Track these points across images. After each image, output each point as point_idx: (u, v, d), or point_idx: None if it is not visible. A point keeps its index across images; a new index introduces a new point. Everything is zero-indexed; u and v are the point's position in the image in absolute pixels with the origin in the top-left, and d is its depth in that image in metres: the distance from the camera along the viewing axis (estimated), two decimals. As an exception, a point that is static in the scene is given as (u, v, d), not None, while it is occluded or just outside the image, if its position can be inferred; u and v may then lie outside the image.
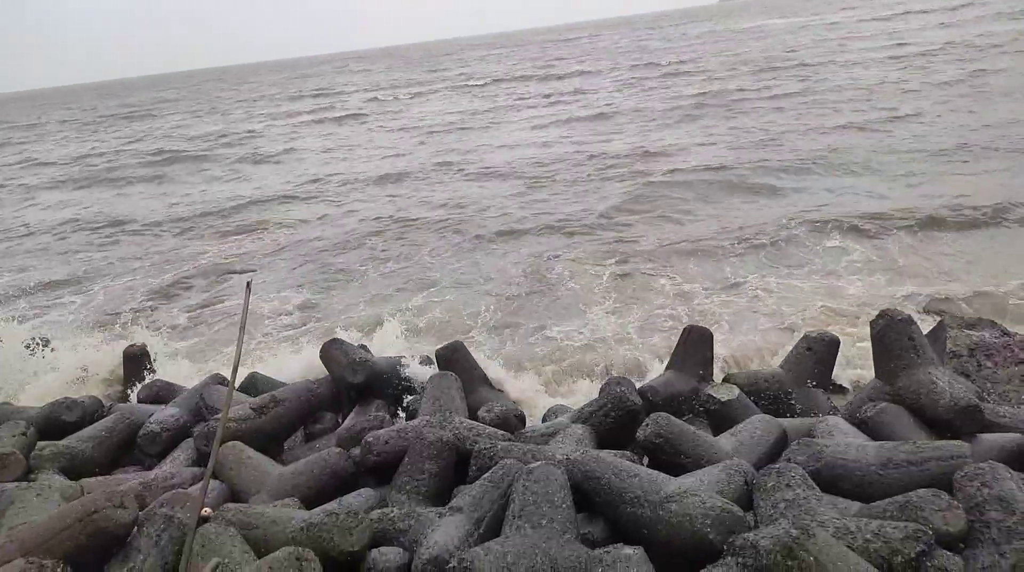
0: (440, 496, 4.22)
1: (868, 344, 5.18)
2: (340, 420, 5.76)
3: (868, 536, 3.01)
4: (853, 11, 69.34)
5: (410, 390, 5.99)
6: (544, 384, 7.18)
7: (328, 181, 20.48)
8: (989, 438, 4.25)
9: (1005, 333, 5.89)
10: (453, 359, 5.86)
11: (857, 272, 9.49)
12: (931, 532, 3.02)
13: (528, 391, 6.77)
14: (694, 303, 9.05)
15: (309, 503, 4.17)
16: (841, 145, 16.68)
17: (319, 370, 6.26)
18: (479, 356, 6.54)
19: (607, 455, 3.96)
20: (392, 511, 3.79)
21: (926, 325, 6.03)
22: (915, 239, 10.40)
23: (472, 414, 5.23)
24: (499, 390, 6.38)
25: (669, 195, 14.25)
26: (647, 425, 4.23)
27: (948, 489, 3.42)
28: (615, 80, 39.10)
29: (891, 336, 4.86)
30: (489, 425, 4.97)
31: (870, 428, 4.48)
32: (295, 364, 7.01)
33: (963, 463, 3.57)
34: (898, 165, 14.49)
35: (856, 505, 3.57)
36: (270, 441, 5.17)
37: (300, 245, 13.98)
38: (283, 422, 5.36)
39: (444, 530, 3.52)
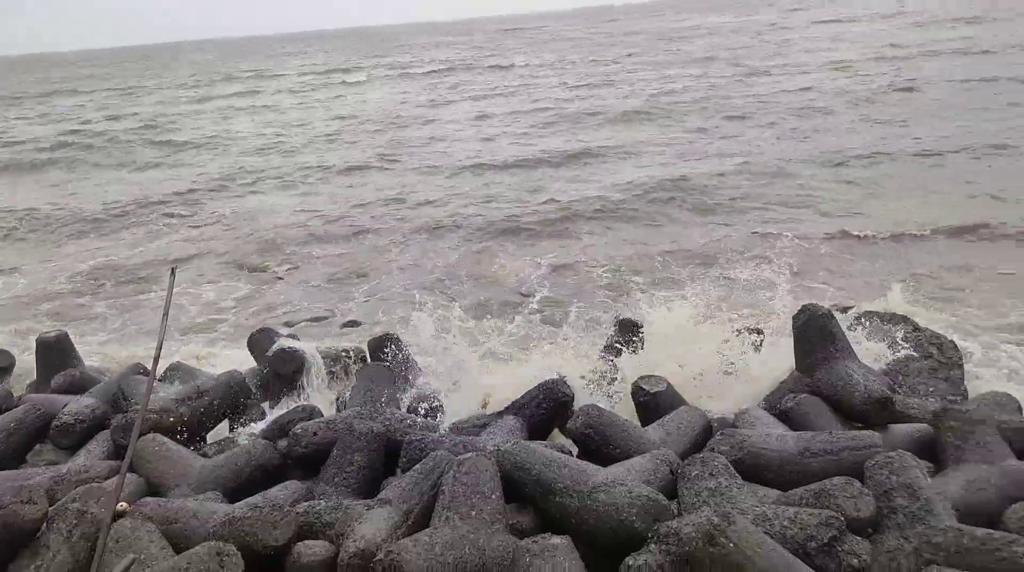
0: (369, 488, 4.17)
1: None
2: (268, 411, 5.63)
3: (785, 523, 3.12)
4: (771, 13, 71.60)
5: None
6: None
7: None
8: (899, 428, 4.46)
9: (916, 328, 6.19)
10: (386, 350, 5.80)
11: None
12: (843, 518, 3.15)
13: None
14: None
15: (233, 497, 4.07)
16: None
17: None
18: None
19: (537, 446, 3.99)
20: (319, 504, 3.73)
21: (844, 320, 6.29)
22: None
23: (404, 405, 5.19)
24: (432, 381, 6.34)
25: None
26: (577, 416, 4.28)
27: (861, 477, 3.58)
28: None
29: (811, 330, 5.04)
30: (421, 416, 4.94)
31: (790, 419, 4.65)
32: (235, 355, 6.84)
33: (875, 452, 3.74)
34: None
35: (775, 493, 3.70)
36: (193, 433, 5.02)
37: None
38: (207, 413, 5.20)
39: (371, 522, 3.48)
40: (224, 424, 5.52)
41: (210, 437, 5.31)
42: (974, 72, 24.38)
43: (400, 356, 5.81)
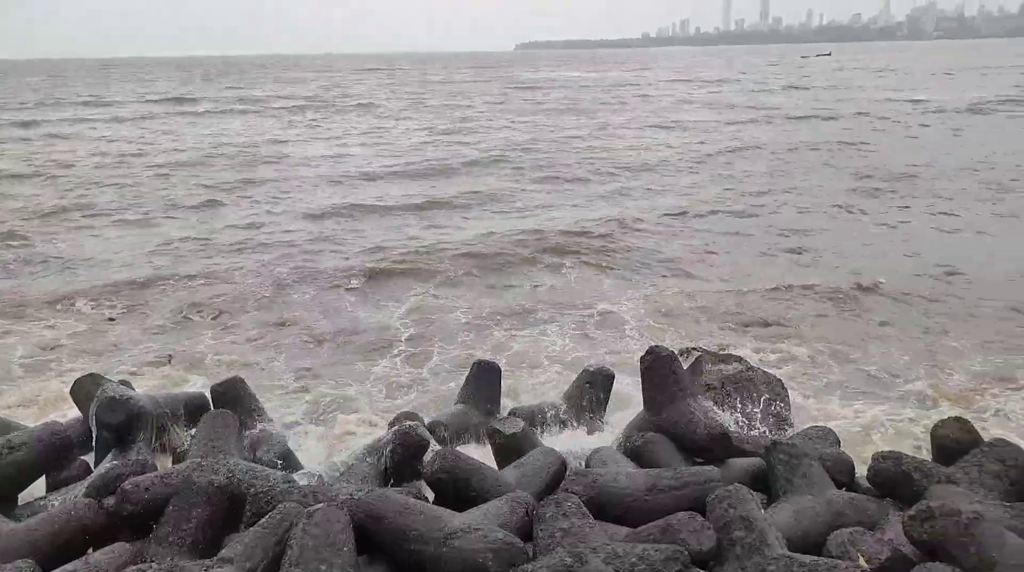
0: (209, 547, 3.88)
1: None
2: (94, 466, 5.12)
3: (634, 559, 3.22)
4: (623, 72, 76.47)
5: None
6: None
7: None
8: (736, 462, 4.77)
9: (749, 368, 6.68)
10: (231, 396, 5.47)
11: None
12: (686, 552, 3.29)
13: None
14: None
15: (48, 564, 3.63)
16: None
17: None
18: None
19: (392, 493, 3.89)
20: (149, 567, 3.41)
21: (687, 361, 6.69)
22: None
23: (251, 454, 4.90)
24: (284, 427, 6.06)
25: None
26: (433, 461, 4.22)
27: (703, 510, 3.77)
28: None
29: (657, 371, 5.30)
30: (269, 466, 4.68)
31: (639, 456, 4.84)
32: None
33: (715, 486, 3.96)
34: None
35: (625, 530, 3.82)
36: (1, 495, 4.46)
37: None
38: (19, 471, 4.64)
39: (211, 584, 3.23)
40: (40, 482, 4.95)
41: (23, 498, 4.74)
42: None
43: (246, 401, 5.51)
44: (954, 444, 4.66)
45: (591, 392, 5.99)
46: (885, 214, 15.81)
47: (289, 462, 4.85)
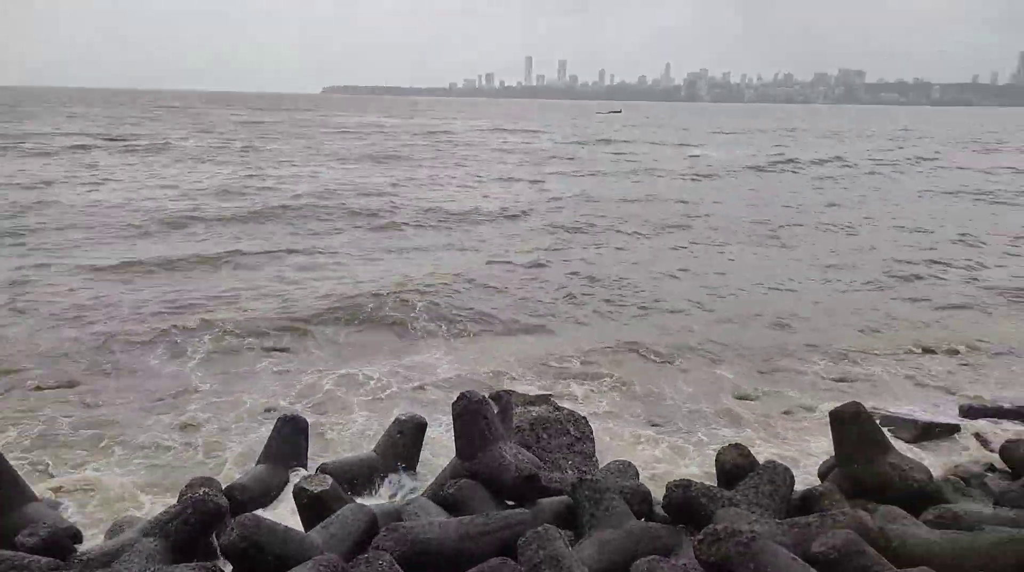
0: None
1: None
2: None
3: (447, 613, 3.18)
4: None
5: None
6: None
7: None
8: (545, 502, 4.90)
9: (557, 408, 6.94)
10: (-15, 473, 4.74)
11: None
12: (498, 599, 3.31)
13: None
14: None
15: None
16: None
17: None
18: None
19: (183, 571, 3.55)
20: None
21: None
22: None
23: (9, 541, 4.25)
24: (53, 504, 5.34)
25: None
26: (231, 529, 3.91)
27: (515, 553, 3.82)
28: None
29: (468, 416, 5.34)
30: (32, 552, 4.09)
31: (451, 504, 4.82)
32: None
33: (524, 529, 4.03)
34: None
35: (439, 582, 3.77)
36: None
37: None
38: None
39: None
40: None
41: None
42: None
43: (5, 478, 4.80)
44: (734, 468, 5.13)
45: (402, 441, 5.89)
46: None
47: (58, 546, 4.26)
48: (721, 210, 24.38)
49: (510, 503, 4.98)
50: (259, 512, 4.70)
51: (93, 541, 4.94)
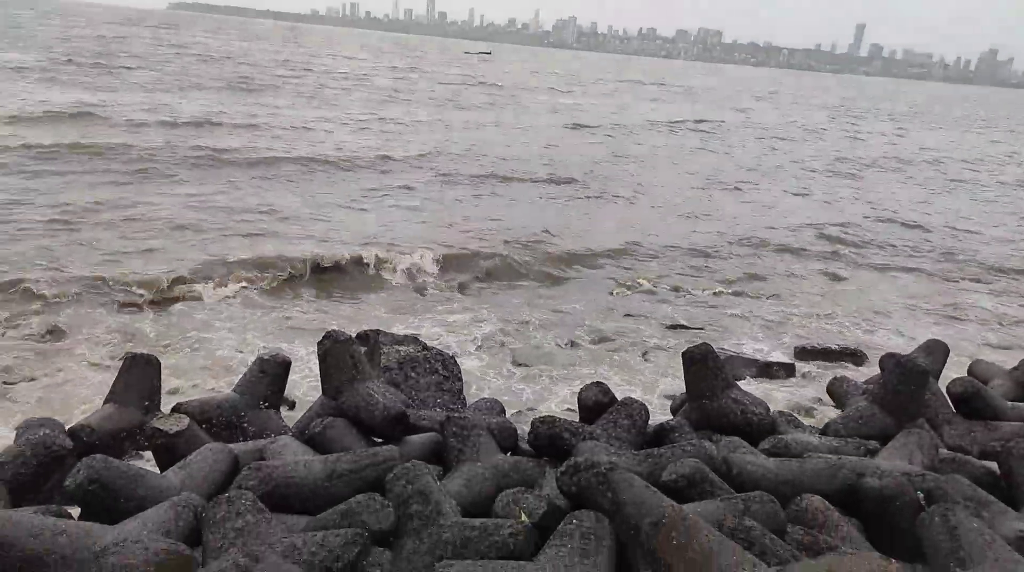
0: None
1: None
2: None
3: (313, 548, 3.17)
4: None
5: None
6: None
7: None
8: (414, 439, 4.94)
9: (425, 348, 6.97)
10: None
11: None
12: (366, 533, 3.33)
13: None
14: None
15: None
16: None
17: None
18: None
19: (24, 515, 3.30)
20: None
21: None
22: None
23: None
24: None
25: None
26: (78, 470, 3.67)
27: (383, 490, 3.84)
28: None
29: (334, 355, 5.25)
30: None
31: (318, 443, 4.75)
32: None
33: (393, 465, 4.05)
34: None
35: (305, 520, 3.73)
36: None
37: None
38: None
39: None
40: None
41: None
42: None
43: None
44: (595, 405, 5.39)
45: (265, 380, 5.71)
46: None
47: None
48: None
49: (378, 441, 4.99)
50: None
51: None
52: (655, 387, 8.18)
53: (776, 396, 7.93)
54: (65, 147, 17.67)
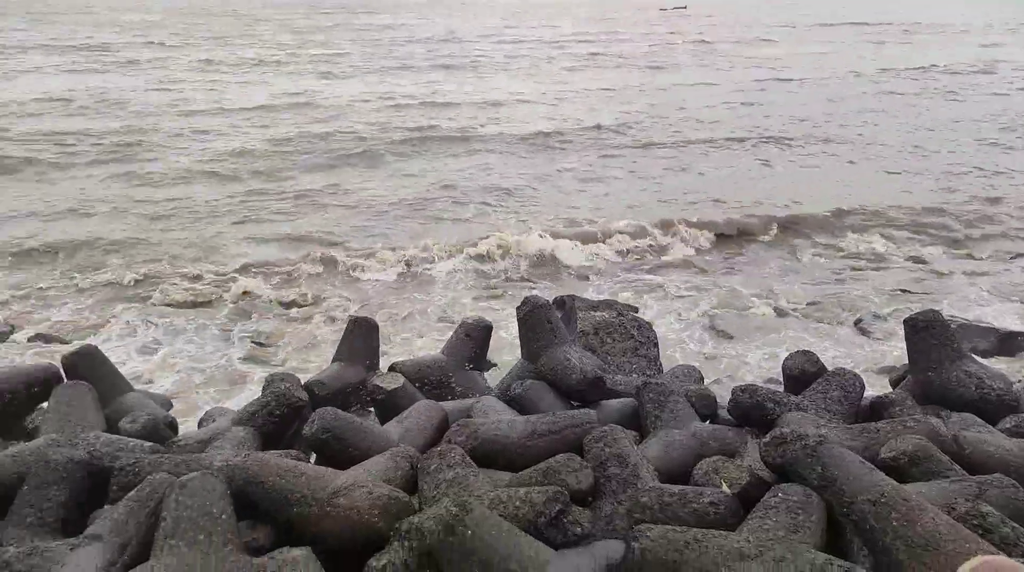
0: (73, 525, 3.65)
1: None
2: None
3: (517, 503, 3.32)
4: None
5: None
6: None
7: None
8: (610, 404, 4.99)
9: (620, 313, 6.96)
10: (85, 365, 5.09)
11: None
12: (566, 492, 3.44)
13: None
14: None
15: None
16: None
17: None
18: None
19: (271, 456, 3.80)
20: (7, 551, 3.17)
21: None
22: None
23: (112, 427, 4.61)
24: (148, 395, 5.72)
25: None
26: (313, 421, 4.14)
27: (581, 452, 3.94)
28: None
29: (533, 320, 5.42)
30: (133, 437, 4.43)
31: (519, 404, 4.96)
32: None
33: (591, 428, 4.13)
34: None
35: (508, 476, 3.93)
36: None
37: None
38: None
39: (78, 564, 3.05)
40: None
41: None
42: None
43: (103, 371, 5.15)
44: (801, 374, 5.10)
45: (470, 343, 6.04)
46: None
47: (157, 432, 4.61)
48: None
49: (575, 404, 5.10)
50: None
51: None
52: (870, 359, 7.55)
53: (1018, 370, 7.01)
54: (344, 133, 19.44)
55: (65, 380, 5.01)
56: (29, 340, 7.91)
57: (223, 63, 34.99)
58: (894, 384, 5.46)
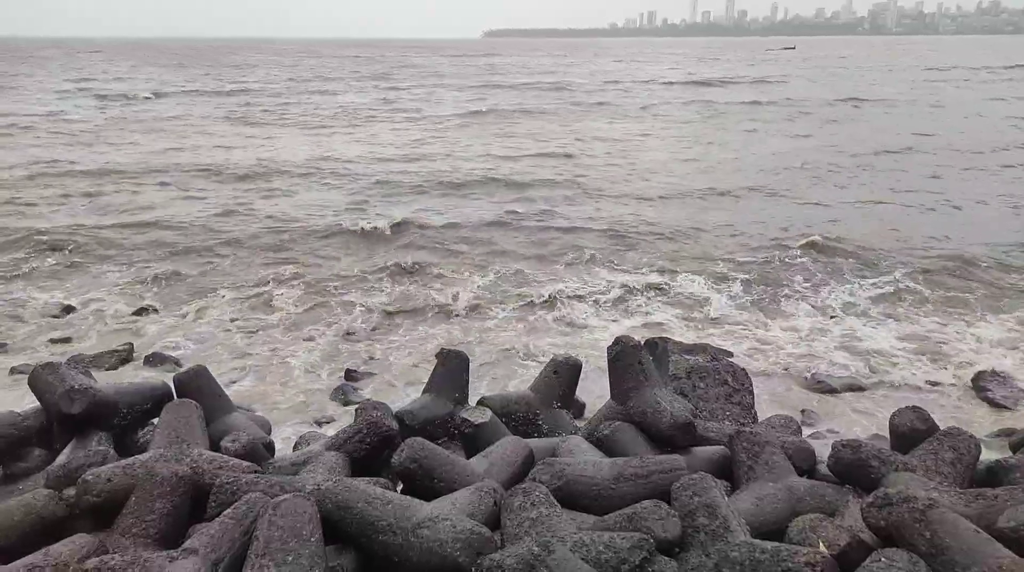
0: (173, 538, 3.83)
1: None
2: (57, 457, 5.01)
3: (600, 548, 3.26)
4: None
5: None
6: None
7: None
8: (700, 451, 4.84)
9: (714, 358, 6.77)
10: (194, 385, 5.39)
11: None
12: (652, 540, 3.34)
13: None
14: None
15: (7, 557, 3.56)
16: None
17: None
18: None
19: (360, 483, 3.87)
20: (112, 558, 3.36)
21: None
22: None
23: (215, 445, 4.84)
24: (250, 417, 5.98)
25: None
26: (402, 450, 4.22)
27: (668, 498, 3.82)
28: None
29: (624, 361, 5.35)
30: (233, 456, 4.63)
31: (605, 445, 4.88)
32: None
33: (680, 475, 4.01)
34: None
35: (592, 518, 3.86)
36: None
37: None
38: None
39: (175, 575, 3.19)
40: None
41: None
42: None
43: (210, 391, 5.43)
44: (911, 432, 4.78)
45: (558, 381, 6.01)
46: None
47: (255, 453, 4.80)
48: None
49: (663, 449, 4.97)
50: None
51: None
52: (987, 419, 7.02)
53: None
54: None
55: (176, 398, 5.32)
56: (145, 361, 8.43)
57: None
58: (1014, 449, 5.05)
